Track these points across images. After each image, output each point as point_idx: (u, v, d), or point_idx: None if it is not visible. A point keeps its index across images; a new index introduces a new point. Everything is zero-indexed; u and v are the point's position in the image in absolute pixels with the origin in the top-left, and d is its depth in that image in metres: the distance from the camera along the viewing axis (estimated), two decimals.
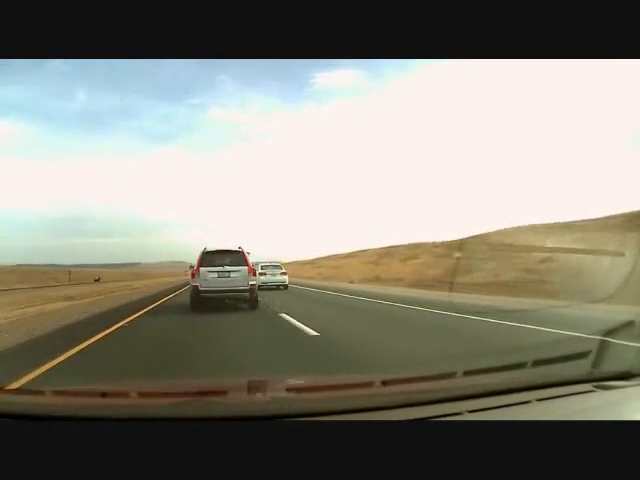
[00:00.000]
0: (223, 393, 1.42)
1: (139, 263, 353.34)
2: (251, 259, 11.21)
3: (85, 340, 6.25)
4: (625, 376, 1.46)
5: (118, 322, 8.41)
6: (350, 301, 13.83)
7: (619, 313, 4.67)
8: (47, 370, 4.43)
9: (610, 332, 2.78)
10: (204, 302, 10.42)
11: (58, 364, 4.74)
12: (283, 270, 21.25)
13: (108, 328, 7.57)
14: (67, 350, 5.44)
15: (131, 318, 9.33)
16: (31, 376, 4.08)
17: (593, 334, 3.34)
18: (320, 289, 20.71)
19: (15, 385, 3.07)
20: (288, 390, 1.44)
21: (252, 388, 1.53)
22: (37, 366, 4.47)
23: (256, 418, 1.12)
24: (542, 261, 14.95)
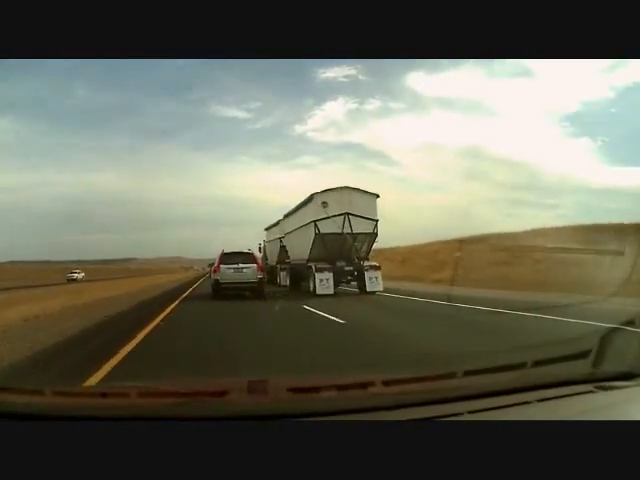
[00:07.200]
0: (223, 393, 1.41)
1: (135, 259, 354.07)
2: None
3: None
4: (626, 376, 1.46)
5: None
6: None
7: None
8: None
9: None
10: (223, 291, 13.97)
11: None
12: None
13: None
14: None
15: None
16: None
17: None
18: None
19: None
20: (288, 390, 1.44)
21: (252, 388, 1.52)
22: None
23: (256, 418, 1.12)
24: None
